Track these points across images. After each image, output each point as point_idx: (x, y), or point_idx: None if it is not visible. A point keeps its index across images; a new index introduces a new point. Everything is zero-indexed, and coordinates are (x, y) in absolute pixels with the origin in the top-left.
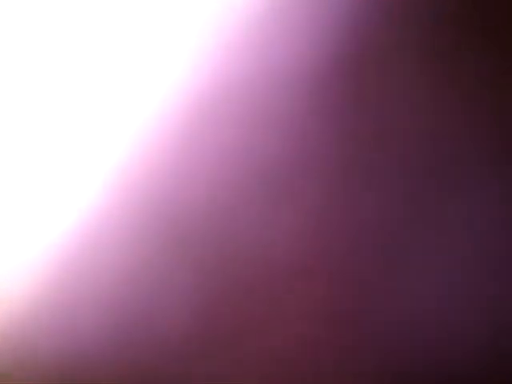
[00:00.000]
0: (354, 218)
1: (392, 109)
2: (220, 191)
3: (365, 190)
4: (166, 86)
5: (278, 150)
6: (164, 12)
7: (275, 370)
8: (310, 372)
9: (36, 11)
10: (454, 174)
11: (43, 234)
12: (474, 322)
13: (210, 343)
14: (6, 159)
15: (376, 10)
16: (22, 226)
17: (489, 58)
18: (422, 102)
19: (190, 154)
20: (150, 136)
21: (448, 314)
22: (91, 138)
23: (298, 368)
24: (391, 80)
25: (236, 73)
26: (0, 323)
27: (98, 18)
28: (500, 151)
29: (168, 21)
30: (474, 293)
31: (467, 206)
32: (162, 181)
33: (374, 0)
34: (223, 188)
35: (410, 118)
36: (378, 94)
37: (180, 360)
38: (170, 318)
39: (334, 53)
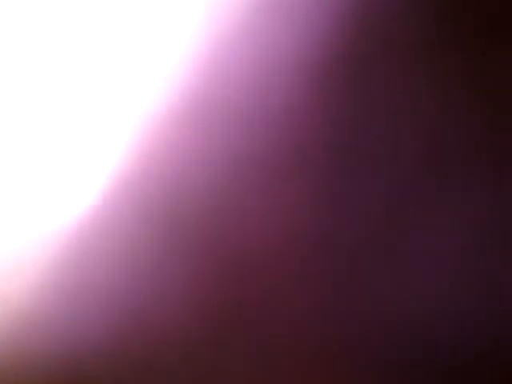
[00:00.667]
0: (350, 213)
1: (389, 105)
2: (218, 182)
3: (360, 186)
4: (163, 78)
5: (275, 141)
6: (160, 5)
7: (273, 361)
8: (310, 362)
9: (36, 11)
10: (449, 172)
11: (39, 231)
12: (473, 321)
13: (209, 332)
14: (8, 157)
15: (374, 6)
16: (19, 222)
17: (488, 56)
18: (419, 99)
19: (184, 146)
20: (150, 127)
21: (446, 312)
22: (93, 127)
23: (298, 361)
24: (388, 77)
25: (234, 65)
26: None
27: (91, 15)
28: (497, 151)
29: (163, 14)
30: (469, 291)
31: (464, 201)
32: (161, 172)
33: None
34: (221, 179)
35: (409, 115)
36: (375, 90)
37: (179, 350)
38: (167, 308)
39: (332, 48)
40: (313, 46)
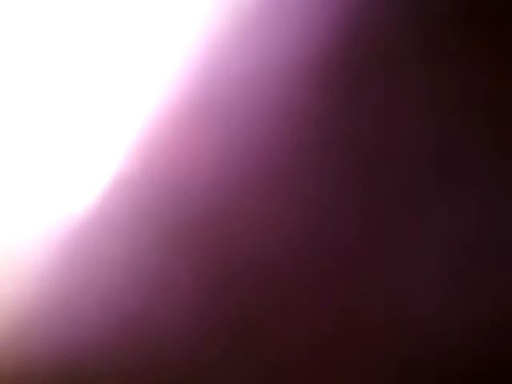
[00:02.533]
0: (354, 212)
1: (390, 103)
2: (219, 184)
3: (361, 186)
4: (164, 79)
5: (276, 142)
6: (156, 10)
7: (274, 367)
8: (311, 368)
9: (36, 11)
10: (449, 169)
11: (38, 231)
12: (473, 320)
13: (209, 338)
14: (8, 155)
15: (373, 8)
16: (18, 222)
17: (488, 57)
18: (418, 98)
19: (185, 147)
20: (150, 128)
21: (446, 313)
22: (93, 127)
23: (298, 365)
24: (389, 76)
25: (234, 67)
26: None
27: (95, 17)
28: (495, 150)
29: (159, 18)
30: (472, 291)
31: (467, 199)
32: (161, 173)
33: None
34: (222, 181)
35: (409, 113)
36: (375, 89)
37: (179, 352)
38: (168, 309)
39: (331, 48)
40: (315, 48)
